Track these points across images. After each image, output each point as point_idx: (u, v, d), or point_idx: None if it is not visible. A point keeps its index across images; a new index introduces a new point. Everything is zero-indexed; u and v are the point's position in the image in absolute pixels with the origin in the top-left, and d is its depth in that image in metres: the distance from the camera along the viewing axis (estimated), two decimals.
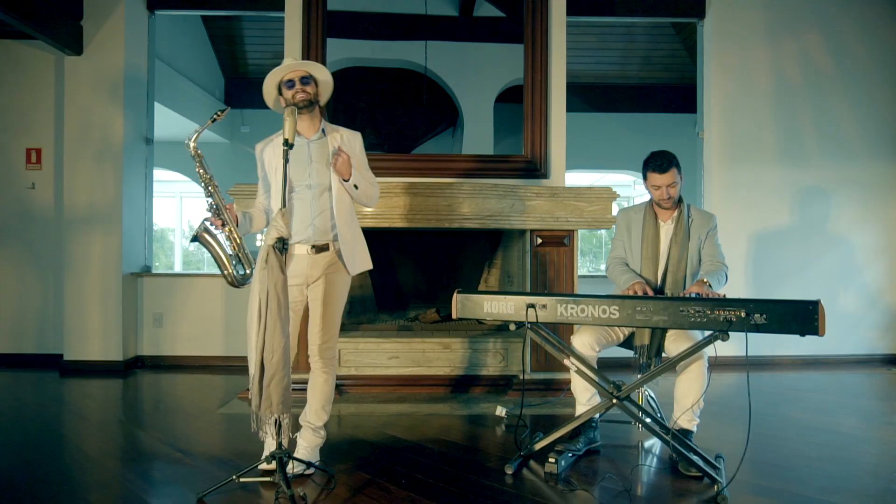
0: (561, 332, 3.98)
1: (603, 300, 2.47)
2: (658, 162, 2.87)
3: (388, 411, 3.62)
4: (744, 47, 5.06)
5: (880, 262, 5.11)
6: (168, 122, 7.25)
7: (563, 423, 2.74)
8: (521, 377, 4.01)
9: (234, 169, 8.45)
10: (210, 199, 2.46)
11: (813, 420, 3.43)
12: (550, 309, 2.54)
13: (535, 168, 4.21)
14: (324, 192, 2.55)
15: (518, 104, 7.38)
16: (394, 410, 3.64)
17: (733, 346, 2.80)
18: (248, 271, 2.53)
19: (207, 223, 2.47)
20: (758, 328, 2.25)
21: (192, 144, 2.44)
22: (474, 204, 3.90)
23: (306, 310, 2.66)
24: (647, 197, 3.03)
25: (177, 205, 12.97)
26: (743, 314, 2.25)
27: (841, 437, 3.14)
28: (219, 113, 2.48)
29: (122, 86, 4.75)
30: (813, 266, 5.07)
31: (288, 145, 2.35)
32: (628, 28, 7.92)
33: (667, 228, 2.96)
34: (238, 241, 2.51)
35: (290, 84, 2.55)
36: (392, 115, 4.68)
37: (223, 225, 2.45)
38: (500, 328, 4.49)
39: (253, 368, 2.21)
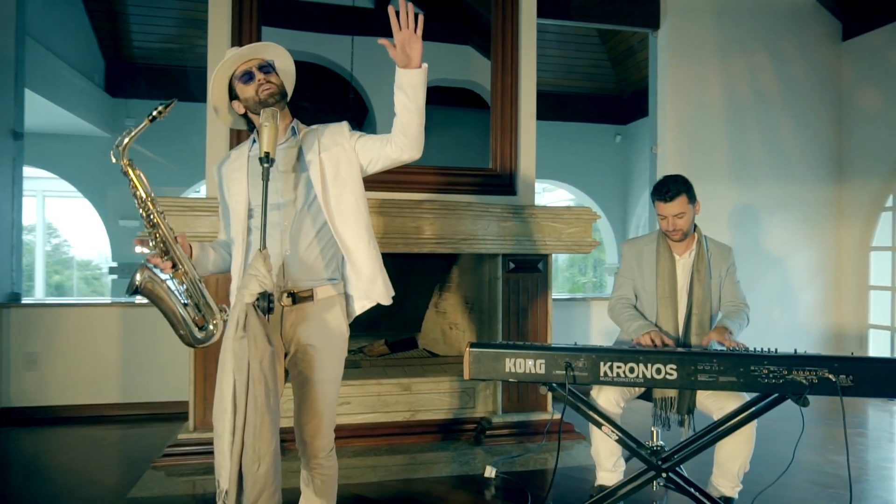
0: None
1: (657, 356, 2.04)
2: (663, 189, 2.53)
3: (342, 469, 3.00)
4: (697, 62, 4.92)
5: (818, 282, 5.19)
6: (35, 111, 6.02)
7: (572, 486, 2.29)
8: (557, 430, 3.52)
9: (117, 168, 7.24)
10: (153, 231, 1.74)
11: (812, 461, 3.24)
12: (590, 368, 2.08)
13: (504, 183, 3.75)
14: (299, 212, 1.85)
15: (435, 107, 6.87)
16: (347, 467, 3.03)
17: None
18: (211, 325, 1.81)
19: (152, 267, 1.74)
20: (843, 391, 1.93)
21: (124, 160, 1.76)
22: (447, 225, 3.37)
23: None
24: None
25: (38, 205, 11.19)
26: (829, 376, 1.92)
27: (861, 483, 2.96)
28: (161, 108, 1.75)
29: None
30: (758, 286, 5.04)
31: (269, 161, 1.70)
32: (541, 34, 7.71)
33: (684, 263, 2.60)
34: (195, 286, 1.79)
35: (248, 77, 1.86)
36: (343, 117, 4.02)
37: (173, 267, 1.75)
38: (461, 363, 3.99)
39: (225, 481, 1.54)
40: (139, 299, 4.39)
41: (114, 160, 1.75)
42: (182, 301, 1.77)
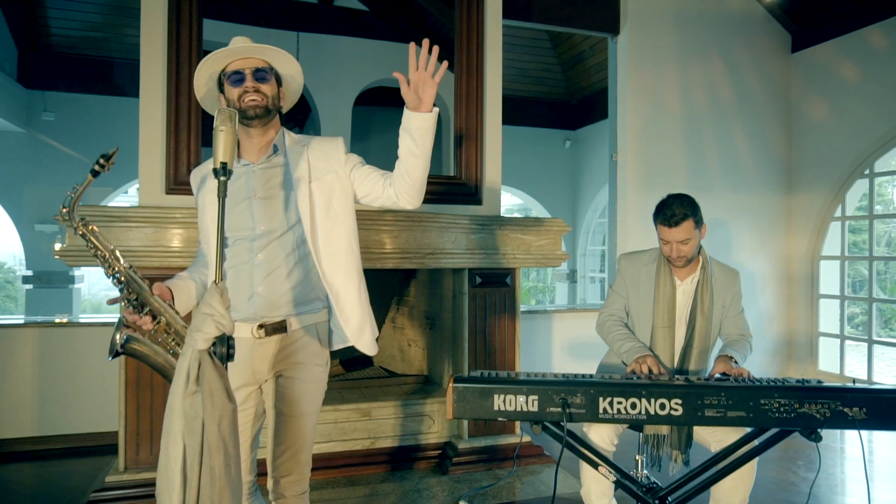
0: None
1: (662, 389, 1.86)
2: (667, 212, 2.32)
3: None
4: (657, 68, 4.86)
5: (770, 290, 5.24)
6: None
7: None
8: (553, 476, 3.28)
9: (33, 167, 6.60)
10: (122, 287, 1.52)
11: (785, 479, 3.18)
12: (588, 404, 1.88)
13: (470, 192, 3.52)
14: (276, 241, 1.66)
15: (376, 108, 6.64)
16: None
17: None
18: None
19: (129, 324, 1.54)
20: (858, 424, 1.80)
21: (75, 217, 1.52)
22: (412, 238, 3.12)
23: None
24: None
25: None
26: (843, 409, 1.79)
27: None
28: (103, 161, 1.53)
29: None
30: None
31: (224, 173, 1.41)
32: None
33: (685, 289, 2.43)
34: (181, 334, 1.54)
35: (237, 79, 1.64)
36: (285, 116, 3.70)
37: (154, 320, 1.52)
38: (425, 385, 3.76)
39: None
40: (60, 318, 3.92)
41: (63, 222, 1.55)
42: (171, 352, 1.55)
